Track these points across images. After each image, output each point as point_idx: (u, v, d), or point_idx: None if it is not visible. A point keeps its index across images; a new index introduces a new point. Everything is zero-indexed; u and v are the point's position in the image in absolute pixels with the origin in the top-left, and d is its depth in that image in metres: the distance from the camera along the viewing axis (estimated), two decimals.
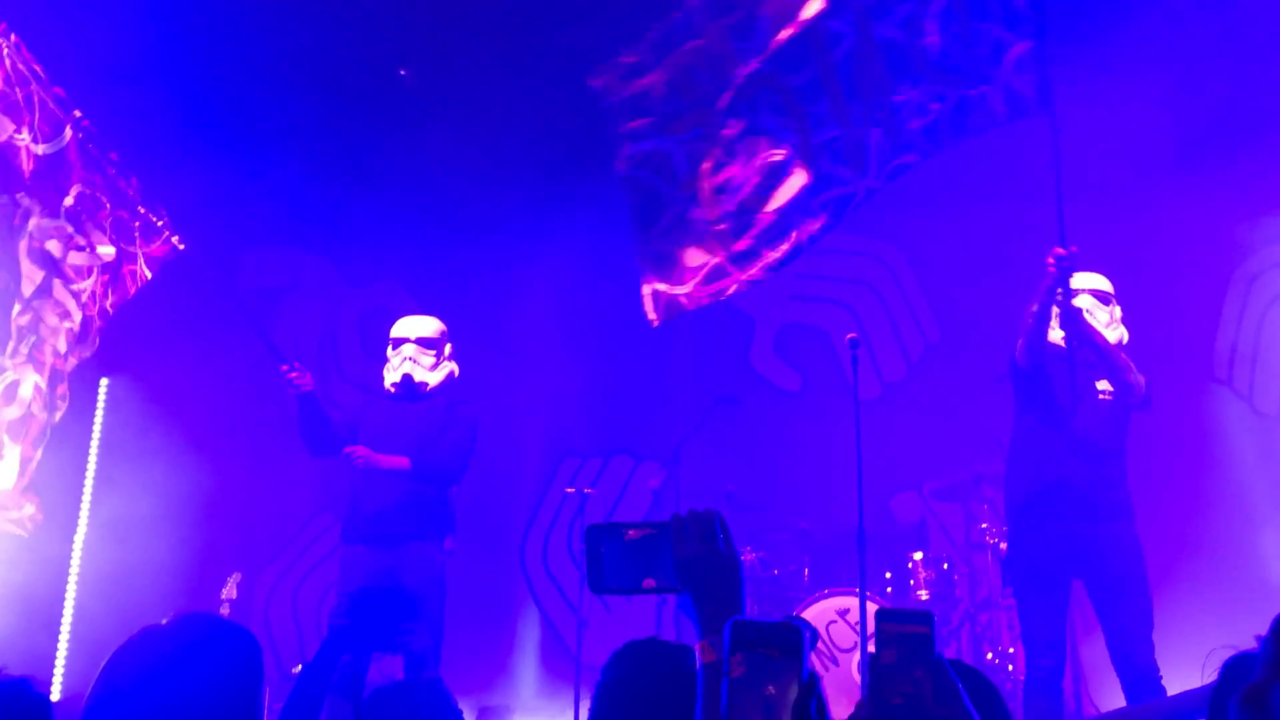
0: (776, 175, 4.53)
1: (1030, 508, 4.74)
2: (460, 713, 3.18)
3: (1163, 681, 4.42)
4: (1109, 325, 4.91)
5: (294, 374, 5.18)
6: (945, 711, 1.33)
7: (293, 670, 6.10)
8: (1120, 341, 4.90)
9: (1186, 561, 6.35)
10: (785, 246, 4.53)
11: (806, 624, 1.37)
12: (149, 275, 5.04)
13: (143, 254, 4.95)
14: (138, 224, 4.85)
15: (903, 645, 1.35)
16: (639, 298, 7.82)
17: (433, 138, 6.93)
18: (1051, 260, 4.57)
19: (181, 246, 4.99)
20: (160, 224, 4.86)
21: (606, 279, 7.91)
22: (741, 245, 4.54)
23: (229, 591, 6.15)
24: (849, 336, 4.73)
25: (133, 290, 5.03)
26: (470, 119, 6.87)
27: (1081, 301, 4.88)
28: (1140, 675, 4.43)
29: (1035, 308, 4.69)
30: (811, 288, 7.92)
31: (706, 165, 4.60)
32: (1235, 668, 1.79)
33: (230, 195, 7.12)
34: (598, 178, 7.17)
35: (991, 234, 7.14)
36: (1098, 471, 4.68)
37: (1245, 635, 1.86)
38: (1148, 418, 6.62)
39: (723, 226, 4.54)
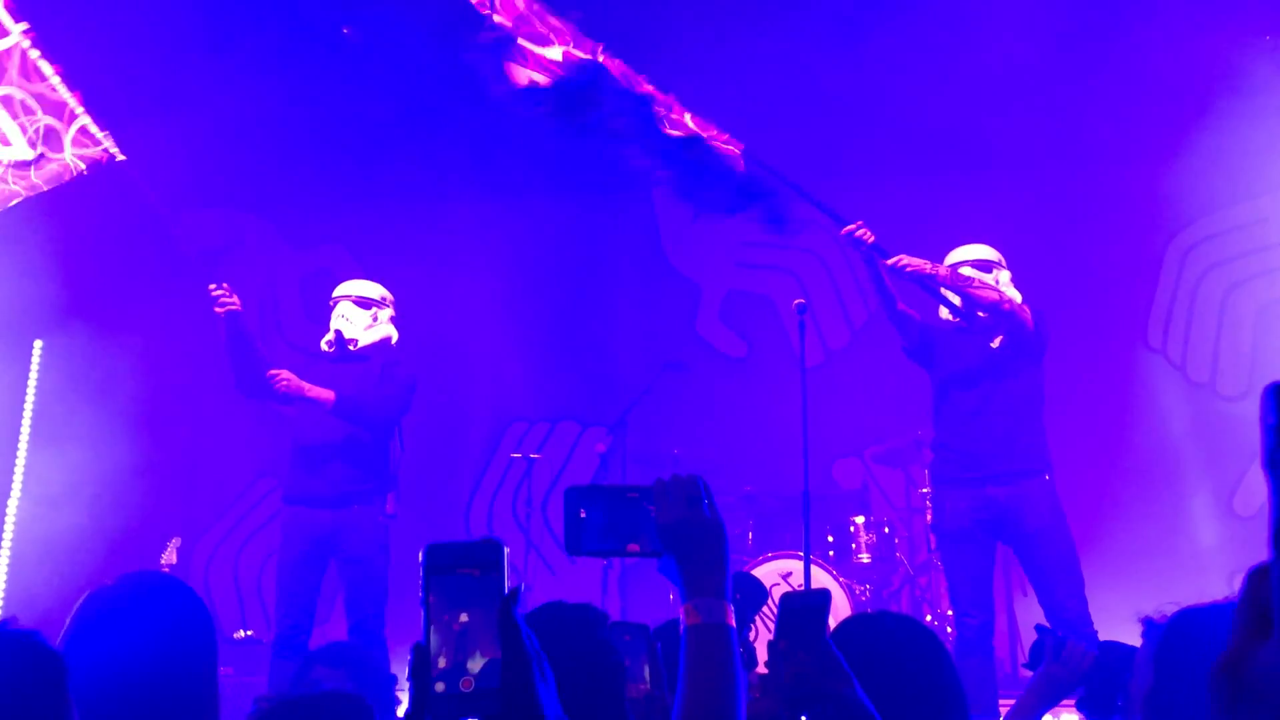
0: None
1: (946, 475, 4.83)
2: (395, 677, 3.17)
3: (1098, 634, 4.53)
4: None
5: (220, 292, 4.92)
6: (830, 683, 1.46)
7: (235, 635, 6.07)
8: (1008, 302, 4.76)
9: (1120, 526, 6.51)
10: None
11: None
12: (82, 168, 4.74)
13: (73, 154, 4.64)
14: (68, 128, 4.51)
15: (795, 628, 1.49)
16: (585, 263, 7.81)
17: (378, 95, 6.83)
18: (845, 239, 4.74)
19: (121, 157, 4.71)
20: (102, 137, 4.59)
21: (554, 243, 7.89)
22: None
23: (169, 556, 6.09)
24: (796, 301, 4.76)
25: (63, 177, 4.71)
26: (412, 80, 6.77)
27: (964, 273, 4.87)
28: (1072, 629, 4.52)
29: (876, 288, 4.86)
30: (757, 255, 7.95)
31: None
32: (1180, 623, 1.84)
33: (169, 153, 6.96)
34: (548, 141, 7.12)
35: (934, 203, 7.20)
36: (1007, 432, 4.71)
37: (1178, 598, 1.91)
38: (1084, 384, 6.78)
39: None
